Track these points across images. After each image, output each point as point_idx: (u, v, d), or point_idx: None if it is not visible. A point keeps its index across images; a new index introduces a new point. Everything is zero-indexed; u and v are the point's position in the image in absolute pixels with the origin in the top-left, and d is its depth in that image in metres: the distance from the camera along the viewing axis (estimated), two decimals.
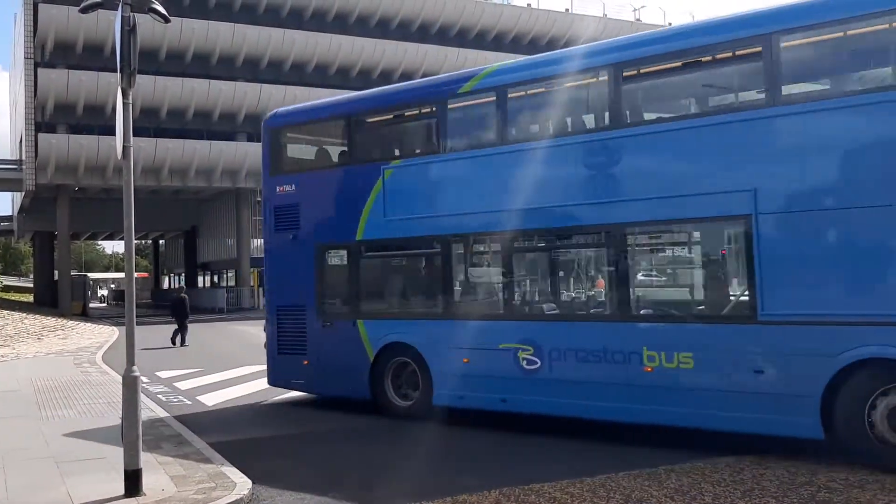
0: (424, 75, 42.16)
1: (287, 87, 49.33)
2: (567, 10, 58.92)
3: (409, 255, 12.10)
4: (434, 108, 11.44)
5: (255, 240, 53.35)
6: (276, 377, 13.06)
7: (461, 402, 10.84)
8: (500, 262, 10.79)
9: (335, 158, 12.92)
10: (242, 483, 7.92)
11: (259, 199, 50.47)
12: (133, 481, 7.53)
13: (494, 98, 10.70)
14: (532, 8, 58.06)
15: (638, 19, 62.25)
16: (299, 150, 13.96)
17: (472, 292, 11.52)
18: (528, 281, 11.23)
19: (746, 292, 8.71)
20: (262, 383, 15.50)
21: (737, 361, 8.62)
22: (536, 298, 11.12)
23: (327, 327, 12.21)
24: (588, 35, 58.07)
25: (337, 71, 52.26)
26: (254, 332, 29.56)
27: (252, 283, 51.24)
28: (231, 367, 18.03)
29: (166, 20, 8.86)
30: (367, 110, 12.56)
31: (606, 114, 9.90)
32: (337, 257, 12.49)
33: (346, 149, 12.61)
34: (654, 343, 9.15)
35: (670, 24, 62.44)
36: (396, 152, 12.42)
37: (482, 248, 11.50)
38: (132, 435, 7.58)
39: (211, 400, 13.80)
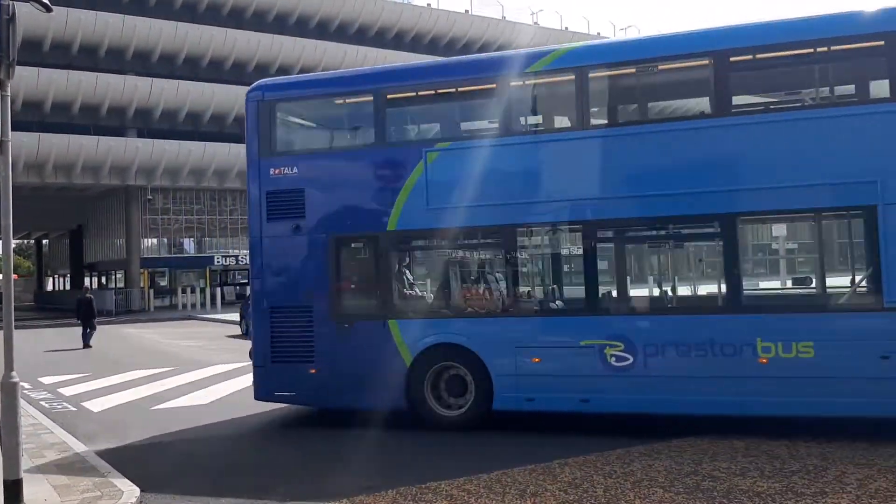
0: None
1: (180, 82, 47.95)
2: (467, 10, 59.44)
3: (461, 246, 10.96)
4: (497, 86, 10.54)
5: (147, 239, 51.65)
6: (268, 390, 11.04)
7: (530, 406, 9.96)
8: (583, 254, 9.98)
9: (356, 139, 11.58)
10: (130, 491, 7.65)
11: (150, 197, 49.07)
12: (13, 492, 7.16)
13: (574, 78, 9.99)
14: (432, 8, 58.30)
15: (536, 22, 63.37)
16: (301, 127, 12.31)
17: (544, 287, 11.07)
18: (618, 274, 10.35)
19: (872, 281, 8.96)
20: (153, 388, 15.04)
21: (862, 348, 8.74)
22: (628, 292, 10.31)
23: (345, 329, 10.64)
24: (487, 37, 59.01)
25: (233, 66, 51.06)
26: (147, 336, 28.66)
27: (142, 285, 49.54)
28: (119, 372, 17.35)
29: (48, 9, 8.45)
30: (404, 85, 11.13)
31: (711, 100, 9.69)
32: (359, 250, 11.22)
33: (373, 128, 10.94)
34: (769, 334, 9.06)
35: (566, 28, 63.91)
36: (440, 134, 11.55)
37: (560, 239, 10.89)
38: (12, 443, 7.21)
39: (97, 406, 13.25)
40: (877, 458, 8.07)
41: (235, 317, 29.02)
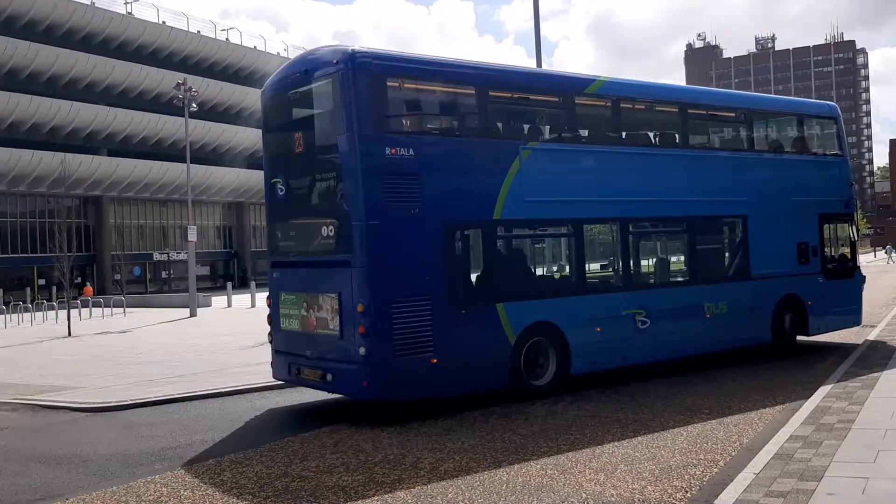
0: None
1: None
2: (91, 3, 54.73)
3: (549, 235, 12.71)
4: (562, 100, 12.61)
5: None
6: (396, 388, 10.14)
7: (594, 368, 11.99)
8: (621, 243, 12.81)
9: (464, 125, 11.74)
10: None
11: None
12: None
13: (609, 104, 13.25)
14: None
15: (130, 13, 60.31)
16: (411, 106, 11.65)
17: (603, 269, 13.28)
18: (641, 258, 13.64)
19: (744, 261, 14.37)
20: None
21: (741, 302, 13.96)
22: (647, 272, 13.86)
23: (461, 316, 10.55)
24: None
25: None
26: None
27: None
28: None
29: None
30: (501, 84, 11.98)
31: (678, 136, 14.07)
32: (468, 237, 11.16)
33: (477, 119, 11.61)
34: (709, 299, 13.58)
35: (163, 21, 61.51)
36: (529, 133, 12.41)
37: (610, 231, 13.01)
38: None
39: None
40: (447, 442, 8.90)
41: None
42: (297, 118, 11.81)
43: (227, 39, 69.00)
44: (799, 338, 14.98)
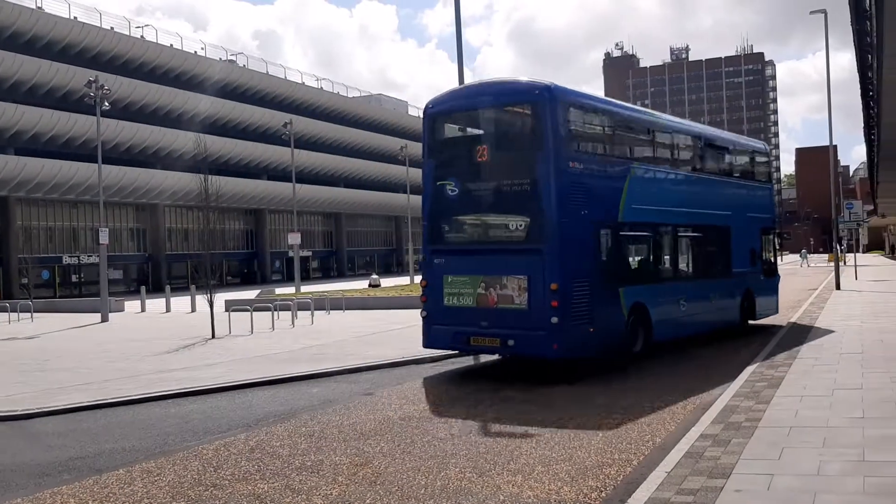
0: None
1: None
2: None
3: (643, 236, 15.80)
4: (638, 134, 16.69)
5: None
6: (572, 350, 13.12)
7: (663, 339, 15.44)
8: (676, 242, 17.02)
9: (605, 147, 15.24)
10: None
11: None
12: None
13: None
14: None
15: (40, 7, 58.24)
16: (580, 130, 14.59)
17: (668, 264, 16.74)
18: (682, 256, 17.38)
19: (727, 261, 18.40)
20: None
21: (724, 294, 18.23)
22: (686, 266, 17.45)
23: (603, 295, 13.63)
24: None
25: None
26: None
27: None
28: None
29: None
30: (622, 120, 16.07)
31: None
32: (608, 235, 14.28)
33: (613, 144, 15.47)
34: (711, 291, 17.77)
35: (75, 17, 59.54)
36: (633, 155, 16.16)
37: (667, 234, 16.59)
38: None
39: None
40: (365, 447, 8.85)
41: None
42: (483, 133, 14.44)
43: (142, 37, 67.34)
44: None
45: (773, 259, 21.26)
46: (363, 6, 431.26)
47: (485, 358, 15.82)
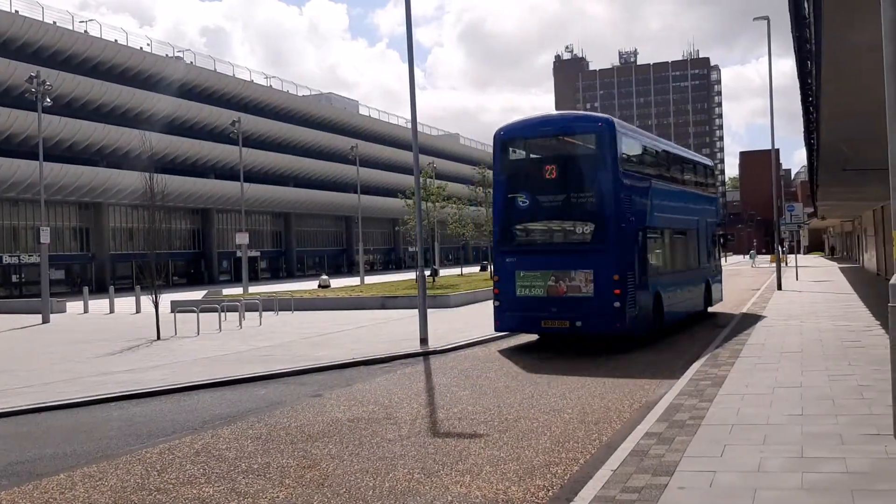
0: None
1: None
2: None
3: (659, 237, 19.23)
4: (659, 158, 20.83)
5: None
6: (627, 329, 16.35)
7: (671, 321, 18.89)
8: (674, 241, 20.52)
9: (638, 168, 18.51)
10: None
11: None
12: None
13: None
14: None
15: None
16: (628, 154, 17.85)
17: (674, 258, 20.36)
18: (676, 252, 20.78)
19: (697, 257, 22.45)
20: None
21: (694, 283, 21.93)
22: (677, 260, 20.75)
23: (643, 285, 17.16)
24: None
25: None
26: None
27: None
28: None
29: None
30: (648, 146, 19.95)
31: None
32: (642, 236, 17.49)
33: (645, 164, 19.27)
34: (691, 280, 21.82)
35: (17, 11, 58.04)
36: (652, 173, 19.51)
37: (671, 234, 20.19)
38: None
39: None
40: (313, 449, 8.79)
41: None
42: (553, 154, 17.82)
43: (86, 32, 65.79)
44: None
45: (718, 255, 25.48)
46: (313, 4, 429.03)
47: (435, 360, 15.81)
